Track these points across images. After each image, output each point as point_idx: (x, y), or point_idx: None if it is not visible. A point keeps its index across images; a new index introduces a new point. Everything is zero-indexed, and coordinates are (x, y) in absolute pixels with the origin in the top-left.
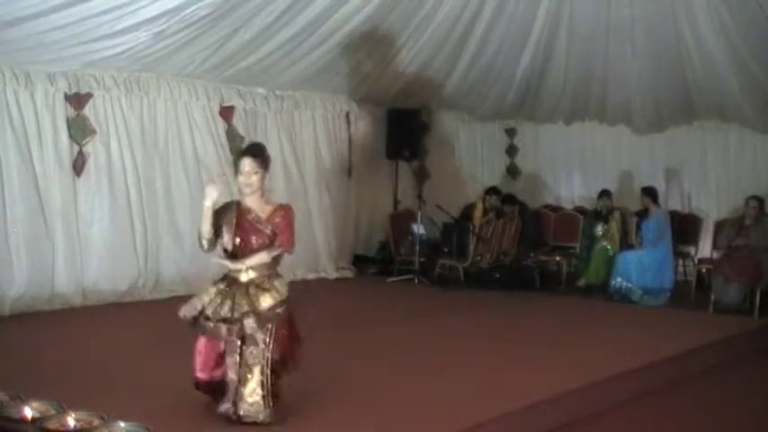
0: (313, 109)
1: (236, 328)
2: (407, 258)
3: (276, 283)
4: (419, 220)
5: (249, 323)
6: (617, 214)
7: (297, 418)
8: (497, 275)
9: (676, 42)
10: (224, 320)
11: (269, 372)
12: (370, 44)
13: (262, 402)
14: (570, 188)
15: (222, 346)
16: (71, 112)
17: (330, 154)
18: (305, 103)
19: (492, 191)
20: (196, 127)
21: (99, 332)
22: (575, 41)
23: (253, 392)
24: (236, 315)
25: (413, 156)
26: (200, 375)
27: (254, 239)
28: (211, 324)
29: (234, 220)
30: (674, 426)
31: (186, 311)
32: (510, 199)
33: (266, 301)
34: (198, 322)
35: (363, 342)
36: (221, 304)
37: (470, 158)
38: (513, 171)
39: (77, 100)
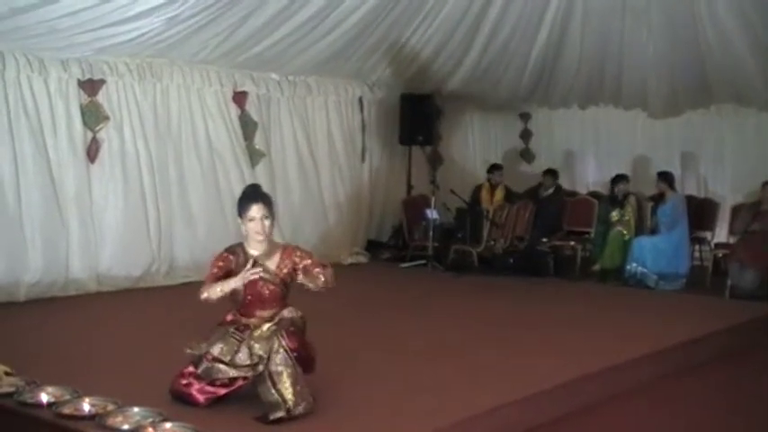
0: (326, 94)
1: (260, 368)
2: (421, 244)
3: (285, 312)
4: (432, 205)
5: (275, 361)
6: (632, 199)
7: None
8: (511, 261)
9: (693, 24)
10: (246, 367)
11: (296, 369)
12: (383, 29)
13: (302, 394)
14: (585, 173)
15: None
16: (84, 98)
17: (343, 139)
18: (318, 89)
19: (494, 167)
20: (209, 113)
21: (113, 318)
22: (589, 23)
23: (287, 390)
24: (255, 360)
25: (426, 141)
26: (199, 398)
27: (266, 292)
28: (231, 371)
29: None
30: (688, 411)
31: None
32: (550, 172)
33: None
34: (207, 367)
35: (376, 328)
36: (237, 351)
37: (484, 143)
38: (527, 156)
39: (91, 86)
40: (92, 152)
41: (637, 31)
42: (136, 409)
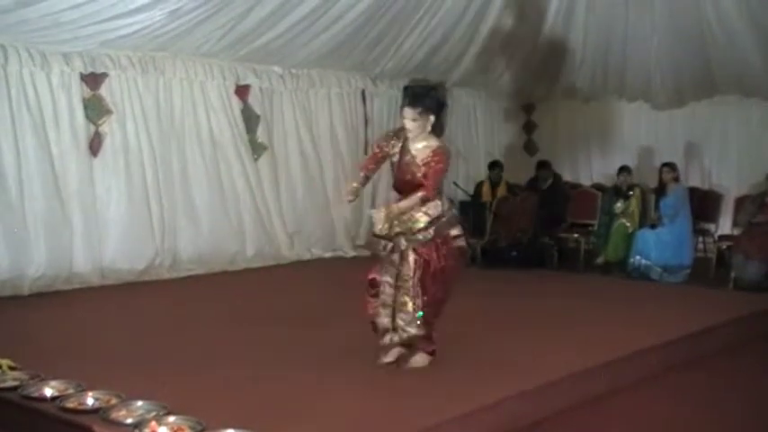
0: (329, 87)
1: (391, 244)
2: None
3: (430, 204)
4: None
5: (401, 242)
6: (637, 191)
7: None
8: (515, 253)
9: (697, 15)
10: (384, 237)
11: (419, 290)
12: (386, 20)
13: (412, 314)
14: (588, 165)
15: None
16: (87, 92)
17: (346, 132)
18: (321, 82)
19: (494, 165)
20: (211, 106)
21: (117, 311)
22: (593, 15)
23: (405, 305)
24: (392, 233)
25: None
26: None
27: (408, 178)
28: (376, 241)
29: (397, 158)
30: (693, 402)
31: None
32: (544, 165)
33: (417, 222)
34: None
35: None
36: (384, 224)
37: (487, 135)
38: (530, 148)
39: (93, 80)
40: (94, 146)
41: (641, 22)
42: (139, 403)
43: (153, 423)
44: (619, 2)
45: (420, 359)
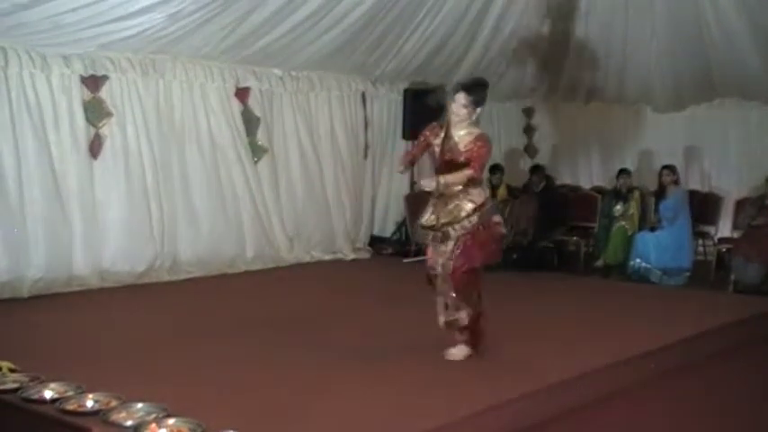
0: (329, 89)
1: (439, 234)
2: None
3: (473, 190)
4: None
5: (448, 231)
6: (636, 193)
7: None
8: (514, 256)
9: (697, 18)
10: (431, 228)
11: (465, 275)
12: (387, 23)
13: (457, 298)
14: (588, 168)
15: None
16: (87, 94)
17: (346, 134)
18: (321, 84)
19: (495, 168)
20: (211, 109)
21: (117, 313)
22: (593, 16)
23: (450, 291)
24: (440, 224)
25: None
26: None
27: (448, 158)
28: (424, 232)
29: (440, 145)
30: (692, 406)
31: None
32: (537, 169)
33: (463, 210)
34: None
35: (381, 321)
36: (430, 215)
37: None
38: (530, 151)
39: (93, 82)
40: (94, 148)
41: (641, 26)
42: (139, 405)
43: (153, 425)
44: (619, 5)
45: (457, 351)
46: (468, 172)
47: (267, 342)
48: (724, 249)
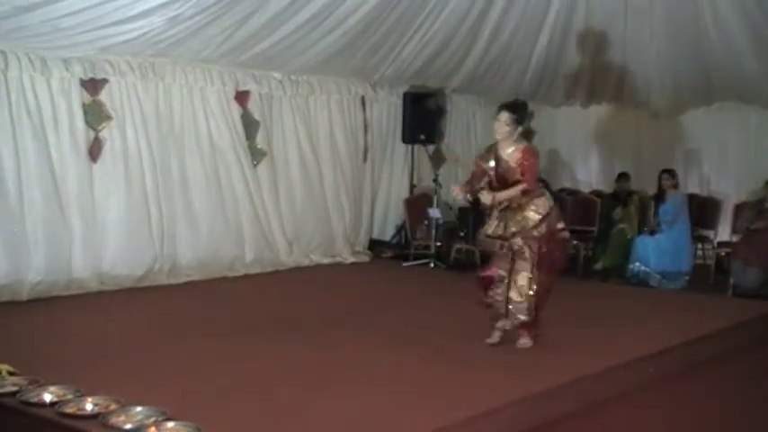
0: (328, 93)
1: (506, 244)
2: (423, 243)
3: (537, 200)
4: (435, 204)
5: (517, 241)
6: (635, 197)
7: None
8: None
9: (696, 23)
10: (498, 237)
11: (531, 281)
12: (386, 27)
13: (526, 303)
14: (588, 171)
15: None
16: (87, 97)
17: (345, 138)
18: (320, 88)
19: None
20: (211, 112)
21: (116, 317)
22: (592, 21)
23: (518, 294)
24: (507, 234)
25: (429, 140)
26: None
27: (506, 178)
28: (490, 240)
29: (494, 170)
30: (692, 409)
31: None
32: None
33: (531, 221)
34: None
35: (380, 325)
36: (498, 226)
37: (487, 142)
38: None
39: (93, 85)
40: (94, 151)
41: (640, 31)
42: (139, 408)
43: (152, 428)
44: (618, 9)
45: (526, 341)
46: (521, 186)
47: (266, 345)
48: (723, 253)
